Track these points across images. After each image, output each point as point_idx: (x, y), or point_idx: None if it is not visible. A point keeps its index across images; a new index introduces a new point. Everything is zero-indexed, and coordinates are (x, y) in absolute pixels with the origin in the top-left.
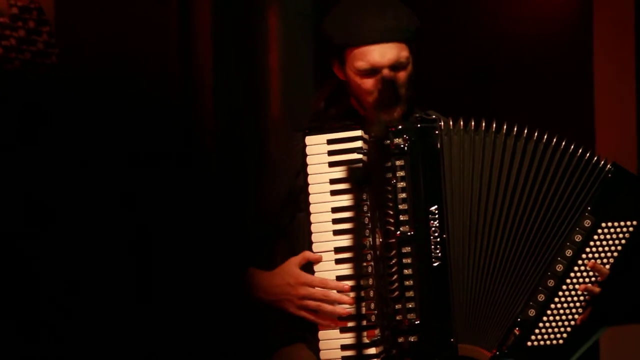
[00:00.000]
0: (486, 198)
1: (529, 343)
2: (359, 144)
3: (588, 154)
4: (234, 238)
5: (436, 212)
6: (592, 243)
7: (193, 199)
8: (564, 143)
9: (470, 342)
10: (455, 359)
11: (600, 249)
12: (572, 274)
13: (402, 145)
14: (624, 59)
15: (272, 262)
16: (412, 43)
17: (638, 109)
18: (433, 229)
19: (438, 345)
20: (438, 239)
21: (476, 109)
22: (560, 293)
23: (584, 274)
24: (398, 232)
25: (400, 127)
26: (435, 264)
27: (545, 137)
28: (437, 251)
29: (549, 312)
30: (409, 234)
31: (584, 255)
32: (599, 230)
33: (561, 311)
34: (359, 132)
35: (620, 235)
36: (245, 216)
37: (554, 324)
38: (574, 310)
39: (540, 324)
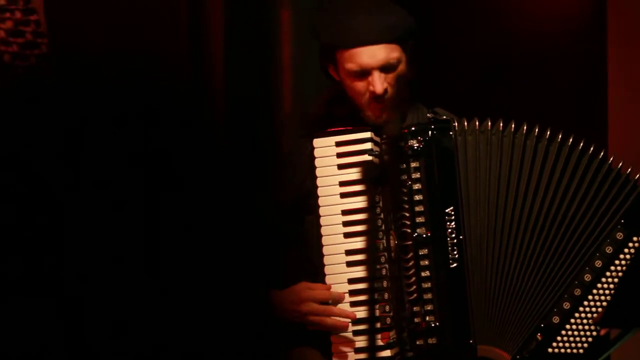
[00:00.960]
0: (505, 199)
1: (550, 350)
2: (368, 145)
3: (621, 165)
4: (244, 237)
5: (452, 213)
6: (621, 256)
7: (203, 197)
8: (592, 148)
9: (490, 343)
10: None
11: (629, 262)
12: (600, 285)
13: (416, 147)
14: (638, 57)
15: (285, 268)
16: (405, 43)
17: None
18: (449, 230)
19: (457, 346)
20: (455, 241)
21: (487, 107)
22: (586, 303)
23: (611, 286)
24: (415, 234)
25: (413, 128)
26: (453, 266)
27: (571, 140)
28: (455, 252)
29: (572, 320)
30: (425, 235)
31: (612, 267)
32: (630, 244)
33: (584, 321)
34: (368, 134)
35: None
36: (256, 217)
37: (576, 332)
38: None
39: (563, 332)
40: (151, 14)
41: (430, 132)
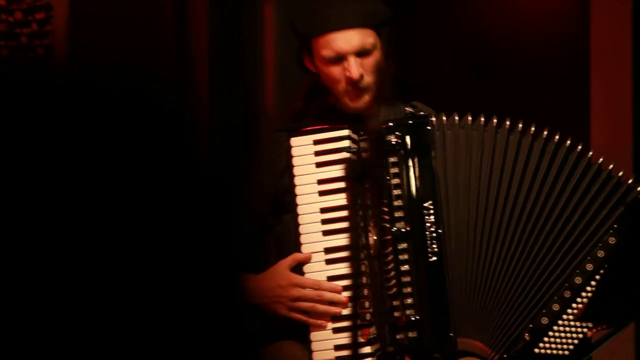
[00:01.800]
0: (486, 194)
1: (537, 350)
2: (346, 143)
3: (602, 161)
4: (224, 238)
5: (431, 207)
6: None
7: (186, 197)
8: (579, 146)
9: (471, 336)
10: (455, 353)
11: (610, 260)
12: (589, 288)
13: (394, 142)
14: (620, 55)
15: (264, 266)
16: (380, 30)
17: (635, 105)
18: (428, 224)
19: (437, 339)
20: (434, 234)
21: (471, 104)
22: (574, 305)
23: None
24: (394, 229)
25: (391, 123)
26: (432, 259)
27: (557, 137)
28: (434, 246)
29: (560, 322)
30: (404, 230)
31: (602, 271)
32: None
33: (572, 323)
34: (346, 132)
35: None
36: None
37: (563, 334)
38: (584, 324)
39: (551, 333)
40: (136, 11)
41: (408, 127)
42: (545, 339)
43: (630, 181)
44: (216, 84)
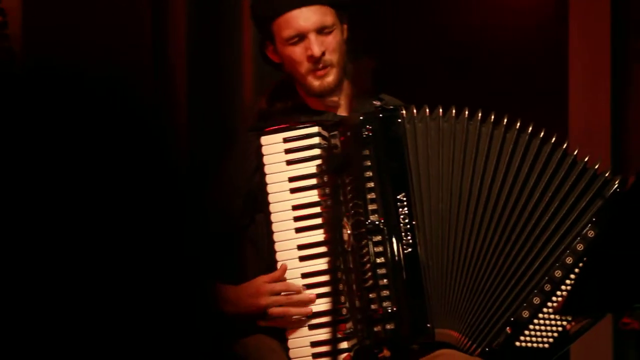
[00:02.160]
0: (459, 186)
1: (518, 343)
2: (316, 140)
3: (586, 159)
4: (197, 238)
5: (404, 199)
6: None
7: (162, 195)
8: (554, 138)
9: (449, 327)
10: (433, 344)
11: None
12: (568, 282)
13: (365, 135)
14: (599, 47)
15: (241, 268)
16: (340, 10)
17: (612, 98)
18: (402, 216)
19: (414, 331)
20: (408, 226)
21: (448, 97)
22: (554, 298)
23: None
24: (368, 222)
25: (361, 117)
26: (407, 251)
27: (530, 128)
28: (408, 238)
29: (540, 315)
30: (378, 222)
31: (581, 264)
32: None
33: (552, 316)
34: (315, 129)
35: None
36: (205, 217)
37: (543, 327)
38: (564, 317)
39: (531, 326)
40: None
41: (378, 121)
42: (526, 332)
43: (607, 174)
44: (194, 83)
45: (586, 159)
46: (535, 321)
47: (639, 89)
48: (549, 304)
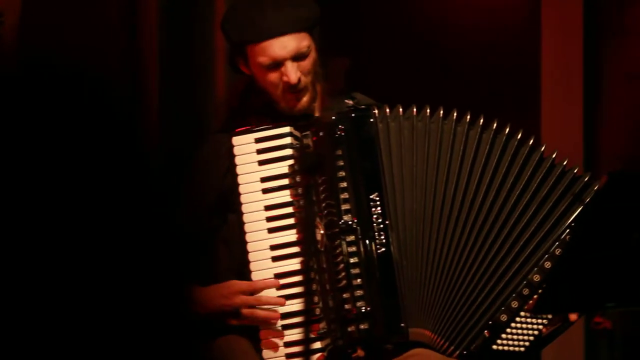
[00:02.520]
0: (434, 185)
1: (495, 347)
2: (288, 140)
3: (565, 162)
4: (170, 238)
5: (377, 199)
6: None
7: (134, 194)
8: (531, 139)
9: (423, 326)
10: (407, 343)
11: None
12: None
13: (337, 135)
14: (572, 51)
15: (214, 268)
16: (313, 30)
17: (585, 100)
18: (375, 216)
19: (388, 330)
20: (381, 226)
21: (421, 97)
22: (531, 302)
23: None
24: (341, 222)
25: (334, 117)
26: (381, 251)
27: (507, 130)
28: (382, 237)
29: (518, 319)
30: (351, 222)
31: (554, 264)
32: None
33: (529, 320)
34: (287, 129)
35: None
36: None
37: (520, 331)
38: (539, 321)
39: (509, 330)
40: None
41: (350, 120)
42: (504, 335)
43: (587, 178)
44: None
45: (565, 162)
46: (513, 325)
47: (610, 91)
48: (526, 307)
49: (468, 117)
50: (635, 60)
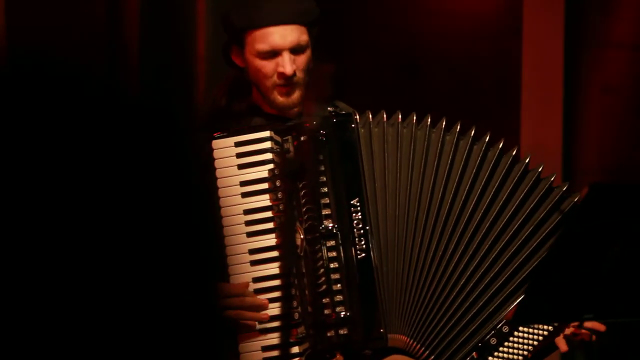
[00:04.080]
0: (418, 192)
1: None
2: (268, 144)
3: (553, 178)
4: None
5: (358, 204)
6: None
7: (134, 192)
8: (514, 150)
9: (403, 332)
10: (385, 348)
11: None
12: None
13: (318, 140)
14: (552, 56)
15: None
16: (312, 29)
17: (565, 106)
18: (356, 221)
19: (367, 336)
20: (362, 231)
21: (401, 104)
22: (522, 329)
23: None
24: (321, 227)
25: (315, 122)
26: (361, 256)
27: (502, 144)
28: (362, 243)
29: (507, 343)
30: (331, 227)
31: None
32: None
33: (521, 340)
34: (267, 133)
35: None
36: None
37: (507, 355)
38: (529, 342)
39: (496, 353)
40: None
41: (332, 125)
42: (490, 358)
43: (577, 199)
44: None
45: (553, 179)
46: (501, 349)
47: (590, 102)
48: (516, 333)
49: (458, 127)
50: (613, 73)
